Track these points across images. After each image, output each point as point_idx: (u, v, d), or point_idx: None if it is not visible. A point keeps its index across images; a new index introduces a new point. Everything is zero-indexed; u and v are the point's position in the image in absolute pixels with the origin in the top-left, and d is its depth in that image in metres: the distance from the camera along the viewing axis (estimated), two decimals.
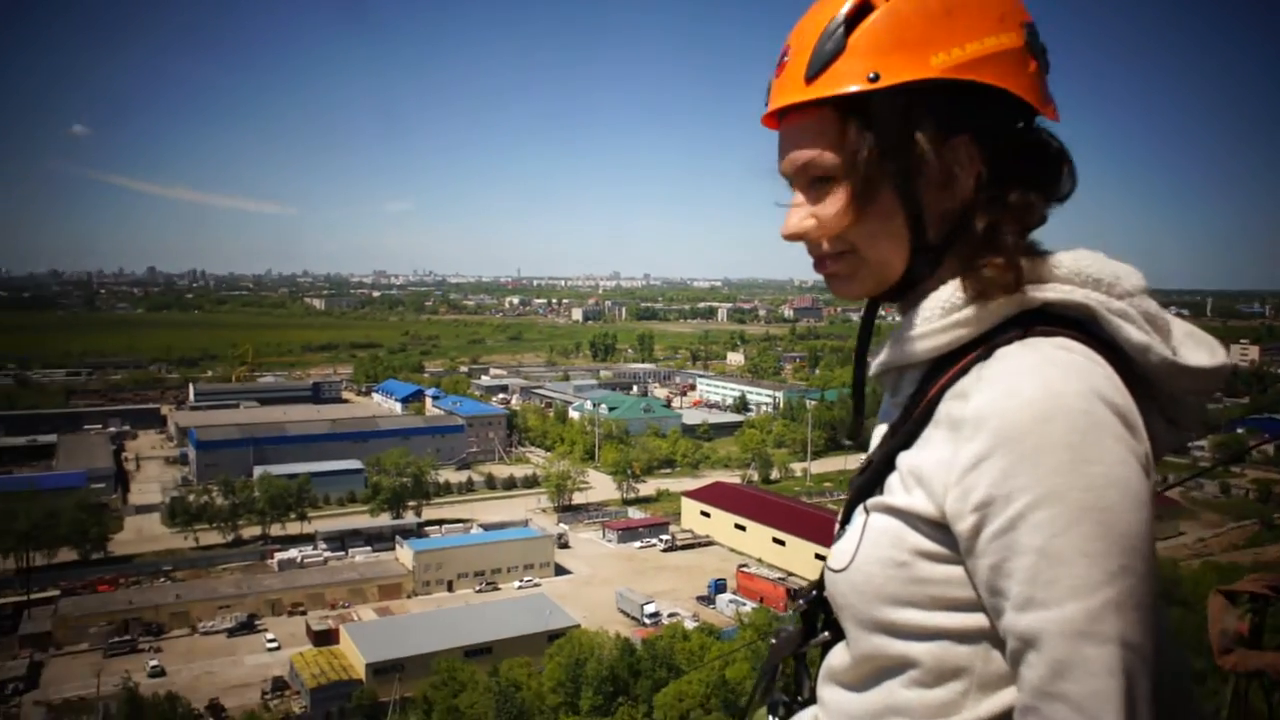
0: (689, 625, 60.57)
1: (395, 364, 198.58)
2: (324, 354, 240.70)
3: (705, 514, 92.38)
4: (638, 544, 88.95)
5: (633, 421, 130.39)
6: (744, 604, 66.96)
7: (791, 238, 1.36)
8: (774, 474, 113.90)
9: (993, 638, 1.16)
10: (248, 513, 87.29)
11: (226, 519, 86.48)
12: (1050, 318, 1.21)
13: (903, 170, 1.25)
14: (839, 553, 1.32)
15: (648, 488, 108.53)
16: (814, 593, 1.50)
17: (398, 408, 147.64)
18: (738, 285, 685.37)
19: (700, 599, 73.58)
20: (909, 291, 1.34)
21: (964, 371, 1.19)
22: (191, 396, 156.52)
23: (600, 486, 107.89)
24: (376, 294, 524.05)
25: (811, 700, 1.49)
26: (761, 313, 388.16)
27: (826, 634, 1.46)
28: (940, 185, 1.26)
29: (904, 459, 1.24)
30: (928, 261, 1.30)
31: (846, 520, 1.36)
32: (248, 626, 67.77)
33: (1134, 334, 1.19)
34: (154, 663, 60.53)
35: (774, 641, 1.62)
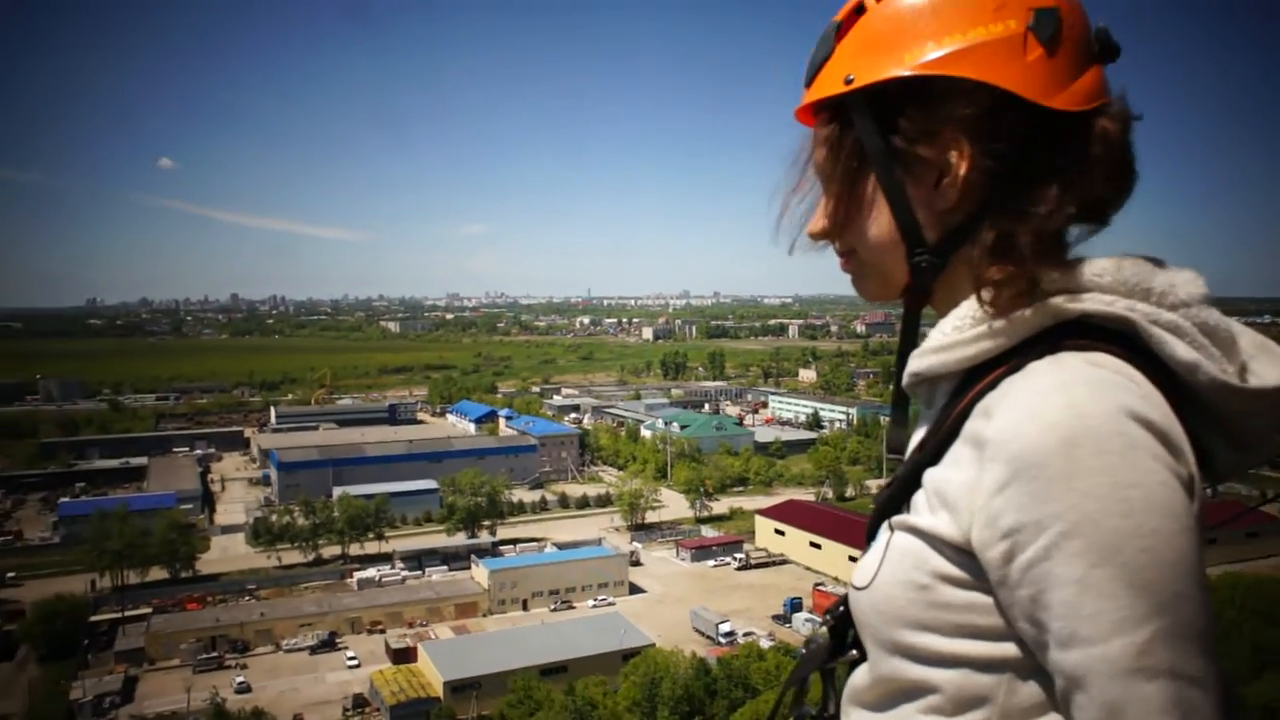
0: (765, 644, 59.83)
1: (469, 385, 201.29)
2: (399, 376, 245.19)
3: (779, 532, 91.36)
4: (711, 562, 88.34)
5: (705, 439, 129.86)
6: (820, 623, 65.75)
7: (811, 236, 1.38)
8: (848, 491, 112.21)
9: (1017, 668, 1.10)
10: (327, 532, 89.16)
11: (307, 539, 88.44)
12: (1091, 330, 1.14)
13: (884, 170, 1.24)
14: (862, 570, 1.27)
15: (720, 506, 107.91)
16: (840, 608, 1.44)
17: (471, 428, 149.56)
18: (808, 301, 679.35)
19: (776, 618, 72.65)
20: (927, 296, 1.32)
21: (993, 386, 1.13)
22: (273, 419, 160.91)
23: (673, 505, 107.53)
24: (450, 316, 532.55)
25: (836, 718, 1.44)
26: (833, 328, 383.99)
27: (855, 652, 1.40)
28: (930, 185, 1.23)
29: (930, 476, 1.19)
30: (930, 265, 1.27)
31: (872, 536, 1.32)
32: (329, 644, 69.02)
33: (1180, 350, 1.11)
34: (240, 679, 61.98)
35: (802, 653, 1.55)
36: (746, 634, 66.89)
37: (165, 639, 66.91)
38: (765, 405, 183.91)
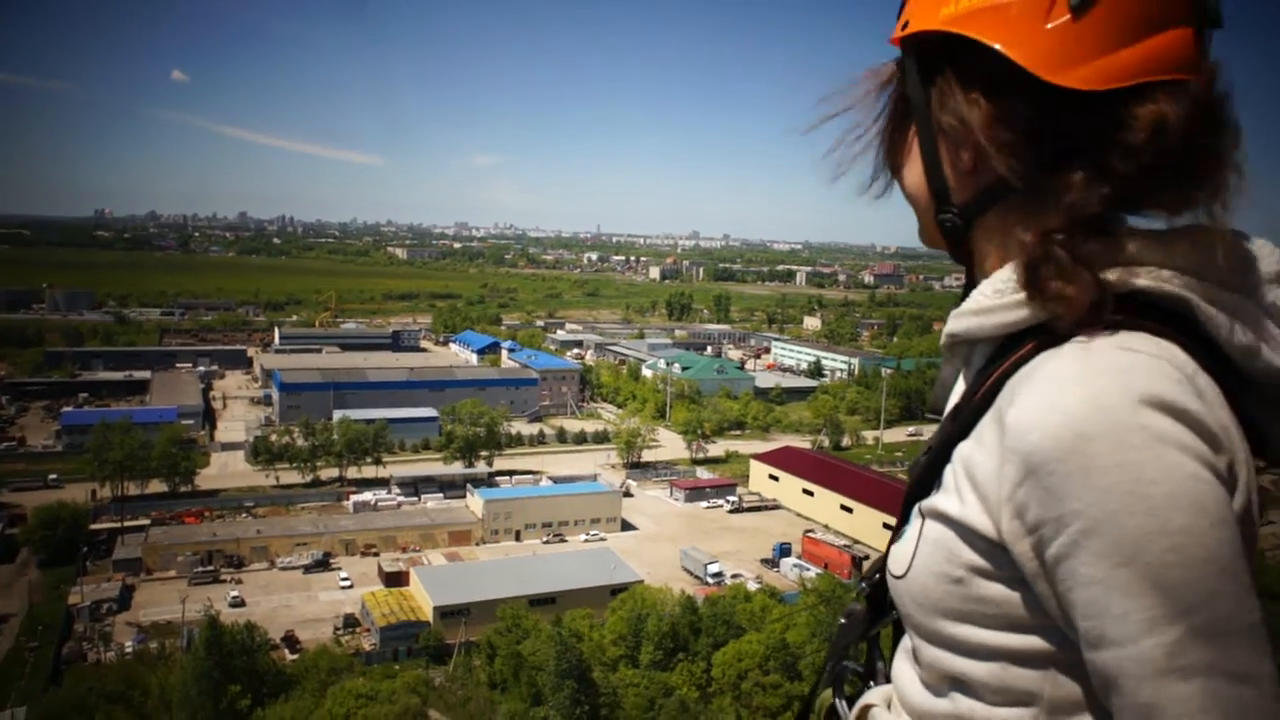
0: (752, 587, 60.74)
1: (473, 315, 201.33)
2: (404, 303, 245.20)
3: (774, 477, 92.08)
4: (704, 504, 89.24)
5: (705, 382, 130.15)
6: (808, 569, 66.76)
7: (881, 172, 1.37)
8: (845, 441, 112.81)
9: (1061, 662, 1.07)
10: (326, 455, 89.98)
11: (306, 460, 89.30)
12: (1146, 307, 1.07)
13: (921, 121, 1.21)
14: (898, 557, 1.25)
15: (717, 449, 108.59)
16: (877, 575, 1.43)
17: (474, 359, 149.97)
18: (818, 249, 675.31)
19: (764, 562, 73.60)
20: (966, 255, 1.28)
21: (1027, 359, 1.08)
22: (277, 339, 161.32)
23: (670, 445, 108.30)
24: (458, 246, 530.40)
25: (886, 681, 1.43)
26: (841, 278, 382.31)
27: (895, 615, 1.38)
28: (956, 143, 1.18)
29: (960, 452, 1.15)
30: (953, 225, 1.23)
31: (906, 511, 1.28)
32: (323, 564, 70.12)
33: (1237, 335, 1.05)
34: (234, 593, 63.12)
35: (842, 622, 1.57)
36: (734, 576, 67.84)
37: (163, 550, 68.00)
38: (768, 351, 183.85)
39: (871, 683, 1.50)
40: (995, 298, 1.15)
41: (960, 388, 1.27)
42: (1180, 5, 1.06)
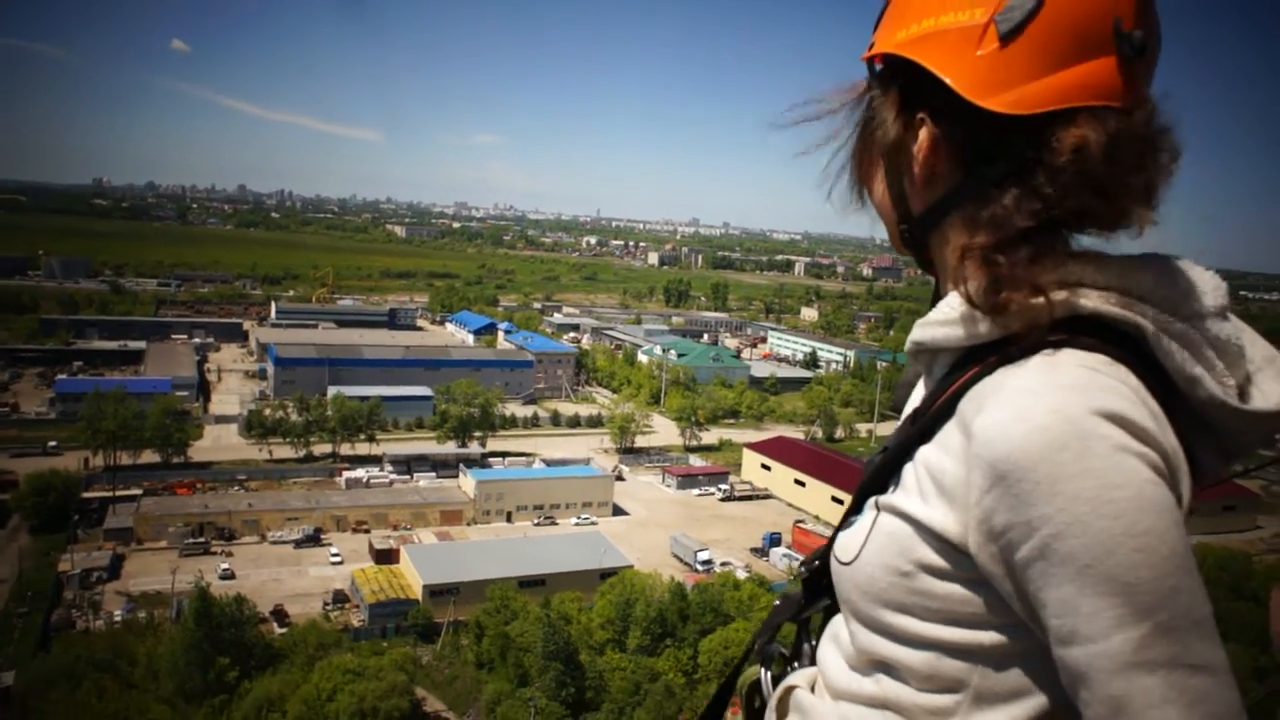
0: (741, 575, 60.96)
1: (470, 296, 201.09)
2: (402, 281, 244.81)
3: (766, 467, 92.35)
4: (696, 491, 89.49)
5: (701, 369, 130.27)
6: (797, 558, 66.95)
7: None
8: (838, 433, 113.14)
9: (991, 656, 1.14)
10: (320, 430, 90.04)
11: (300, 435, 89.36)
12: (1100, 329, 1.13)
13: (876, 136, 1.30)
14: (845, 545, 1.30)
15: (710, 436, 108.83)
16: (816, 562, 1.49)
17: (470, 339, 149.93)
18: (817, 240, 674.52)
19: (754, 550, 73.89)
20: (928, 265, 1.35)
21: (990, 371, 1.13)
22: (273, 314, 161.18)
23: (663, 431, 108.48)
24: (457, 225, 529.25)
25: (811, 664, 1.49)
26: (840, 269, 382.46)
27: (827, 601, 1.46)
28: (909, 161, 1.25)
29: (922, 454, 1.20)
30: (909, 236, 1.32)
31: (859, 503, 1.33)
32: (314, 539, 70.29)
33: (1186, 365, 1.12)
34: (225, 566, 63.27)
35: (777, 604, 1.64)
36: (724, 564, 68.11)
37: (154, 521, 68.08)
38: (764, 340, 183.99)
39: (796, 664, 1.55)
40: (960, 309, 1.20)
41: (921, 392, 1.33)
42: (1103, 36, 1.12)
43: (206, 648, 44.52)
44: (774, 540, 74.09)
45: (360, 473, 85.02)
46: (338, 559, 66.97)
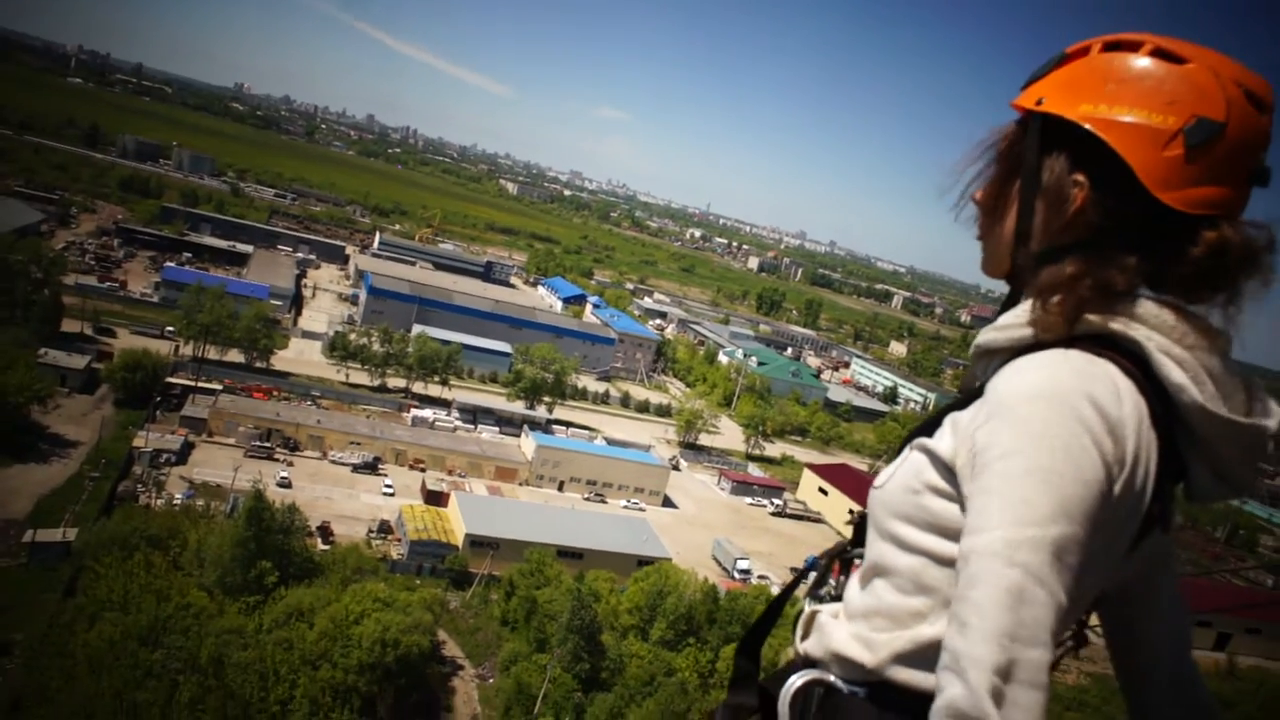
0: (775, 591, 60.30)
1: (567, 264, 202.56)
2: (504, 237, 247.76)
3: (823, 491, 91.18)
4: (748, 500, 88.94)
5: (778, 381, 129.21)
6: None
7: (974, 202, 1.73)
8: None
9: None
10: (398, 364, 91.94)
11: (378, 365, 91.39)
12: (1115, 346, 1.45)
13: (1026, 180, 1.57)
14: (883, 475, 1.66)
15: (774, 449, 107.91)
16: (864, 512, 1.80)
17: (558, 305, 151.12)
18: (921, 276, 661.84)
19: (794, 570, 72.79)
20: (1018, 290, 1.65)
21: (1017, 358, 1.48)
22: (376, 244, 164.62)
23: (728, 435, 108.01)
24: (568, 193, 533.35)
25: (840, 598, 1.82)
26: (938, 310, 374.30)
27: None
28: (1053, 207, 1.54)
29: (953, 414, 1.55)
30: (1024, 265, 1.59)
31: (900, 451, 1.69)
32: (371, 467, 71.94)
33: (1174, 373, 1.42)
34: (284, 474, 65.14)
35: (827, 549, 2.00)
36: (761, 577, 67.58)
37: (227, 417, 70.45)
38: (847, 365, 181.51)
39: (828, 599, 1.89)
40: (1012, 319, 1.56)
41: None
42: (1247, 169, 1.44)
43: (253, 548, 45.91)
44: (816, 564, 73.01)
45: (428, 413, 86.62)
46: (390, 491, 68.43)
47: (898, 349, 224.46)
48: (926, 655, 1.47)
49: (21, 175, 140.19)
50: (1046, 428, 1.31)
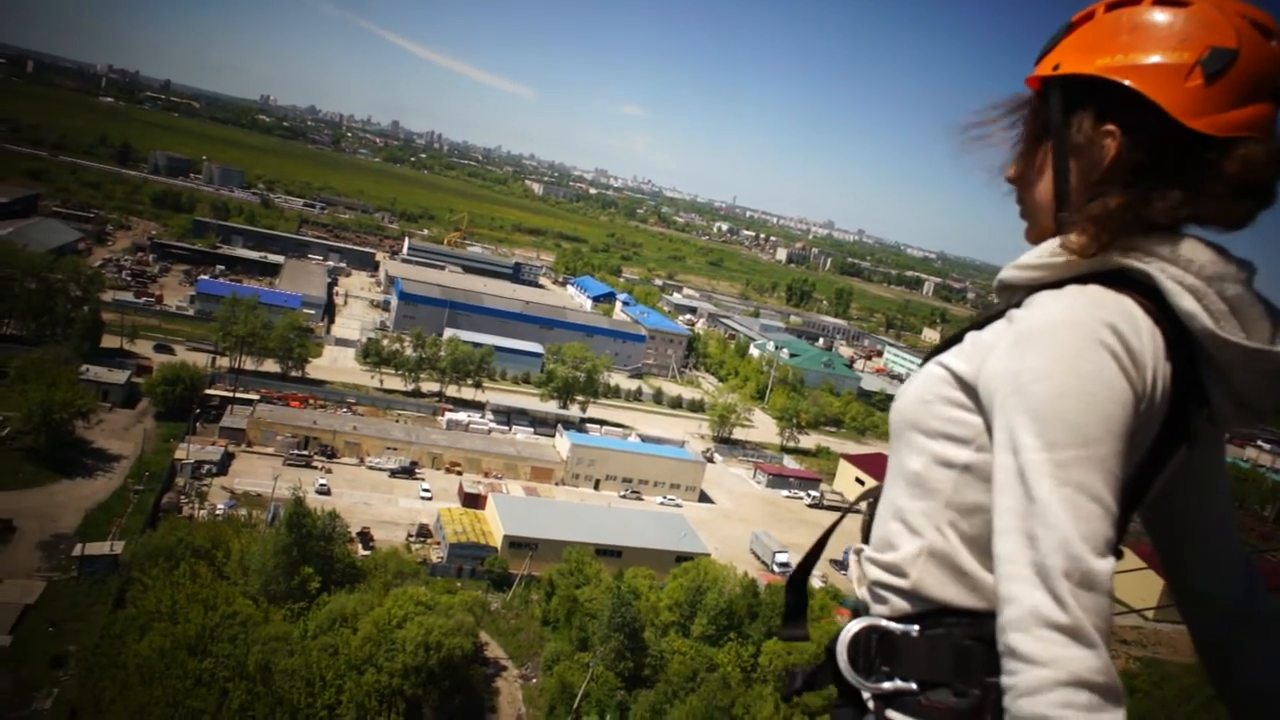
0: (816, 584, 60.11)
1: (595, 262, 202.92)
2: (531, 237, 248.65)
3: (860, 481, 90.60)
4: (785, 492, 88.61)
5: (810, 373, 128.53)
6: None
7: (1006, 180, 1.80)
8: None
9: (965, 470, 1.59)
10: (431, 369, 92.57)
11: (411, 369, 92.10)
12: (1131, 283, 1.53)
13: (1058, 143, 1.65)
14: (902, 388, 1.78)
15: (808, 440, 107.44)
16: None
17: (588, 304, 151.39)
18: (952, 262, 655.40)
19: (834, 562, 72.56)
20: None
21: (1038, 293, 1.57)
22: (405, 249, 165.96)
23: (762, 428, 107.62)
24: (593, 191, 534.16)
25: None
26: (970, 295, 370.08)
27: None
28: (1088, 162, 1.61)
29: (971, 334, 1.66)
30: (1072, 219, 1.63)
31: (921, 366, 1.80)
32: (408, 472, 72.50)
33: (1186, 303, 1.50)
34: (322, 481, 65.85)
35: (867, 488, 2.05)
36: None
37: (265, 427, 71.29)
38: (880, 354, 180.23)
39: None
40: (1034, 258, 1.64)
41: None
42: (1270, 88, 1.53)
43: (295, 555, 46.37)
44: None
45: (462, 416, 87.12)
46: (428, 494, 68.91)
47: (931, 336, 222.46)
48: (948, 561, 1.60)
49: (58, 195, 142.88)
50: (1073, 352, 1.39)
